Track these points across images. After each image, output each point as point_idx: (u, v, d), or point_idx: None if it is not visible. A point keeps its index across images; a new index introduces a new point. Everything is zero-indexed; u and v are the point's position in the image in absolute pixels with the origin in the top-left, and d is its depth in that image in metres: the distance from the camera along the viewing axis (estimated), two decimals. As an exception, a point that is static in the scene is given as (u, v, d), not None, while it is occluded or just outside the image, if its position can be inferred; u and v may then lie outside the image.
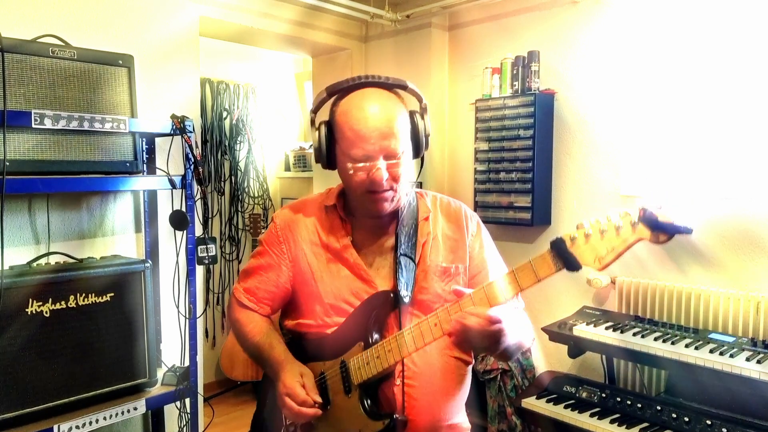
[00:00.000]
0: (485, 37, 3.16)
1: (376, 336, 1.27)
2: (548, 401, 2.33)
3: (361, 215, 1.36)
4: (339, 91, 1.29)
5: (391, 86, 1.28)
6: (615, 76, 2.66)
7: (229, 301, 1.51)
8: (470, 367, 1.41)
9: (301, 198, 1.50)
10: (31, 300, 1.81)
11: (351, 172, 1.25)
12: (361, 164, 1.24)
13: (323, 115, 1.33)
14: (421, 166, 1.36)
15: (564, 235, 1.08)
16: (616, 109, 2.67)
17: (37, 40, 1.94)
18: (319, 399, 1.28)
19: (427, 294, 1.31)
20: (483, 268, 1.38)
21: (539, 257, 1.10)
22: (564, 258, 1.07)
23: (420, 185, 1.36)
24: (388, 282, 1.33)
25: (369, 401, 1.27)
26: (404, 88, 1.29)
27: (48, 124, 1.80)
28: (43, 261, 2.02)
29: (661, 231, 1.00)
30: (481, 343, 1.14)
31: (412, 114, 1.29)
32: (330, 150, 1.30)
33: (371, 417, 1.25)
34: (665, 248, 2.52)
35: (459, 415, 1.40)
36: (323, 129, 1.30)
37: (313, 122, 1.33)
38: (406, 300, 1.27)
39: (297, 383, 1.28)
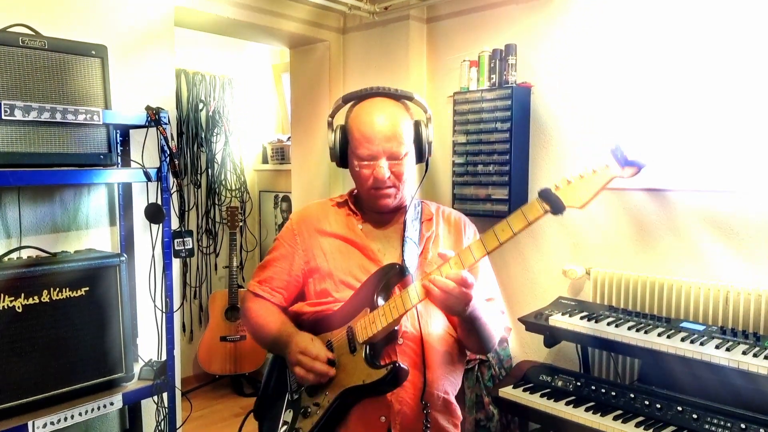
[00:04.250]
0: (463, 30, 3.17)
1: (381, 301, 1.35)
2: (525, 390, 2.36)
3: (369, 210, 1.51)
4: (352, 99, 1.48)
5: (399, 97, 1.47)
6: (590, 69, 2.70)
7: (241, 296, 1.61)
8: (464, 357, 1.52)
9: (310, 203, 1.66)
10: (2, 295, 1.78)
11: (358, 169, 1.43)
12: (366, 162, 1.41)
13: (339, 119, 1.52)
14: (426, 171, 1.52)
15: (550, 186, 1.20)
16: (591, 103, 2.71)
17: (7, 30, 1.89)
18: (332, 355, 1.37)
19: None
20: (474, 269, 1.42)
21: (528, 204, 1.21)
22: (550, 201, 1.18)
23: (420, 180, 1.52)
24: (395, 261, 1.44)
25: (372, 353, 1.34)
26: (410, 99, 1.48)
27: (18, 115, 1.76)
28: (14, 255, 1.98)
29: (629, 166, 1.15)
30: (449, 303, 1.25)
31: (416, 122, 1.46)
32: (343, 150, 1.48)
33: (374, 367, 1.32)
34: (639, 240, 2.58)
35: (453, 395, 1.49)
36: (338, 132, 1.48)
37: (330, 125, 1.51)
38: (412, 270, 1.38)
39: (310, 341, 1.38)
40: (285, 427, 1.41)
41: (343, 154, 1.49)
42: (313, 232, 1.52)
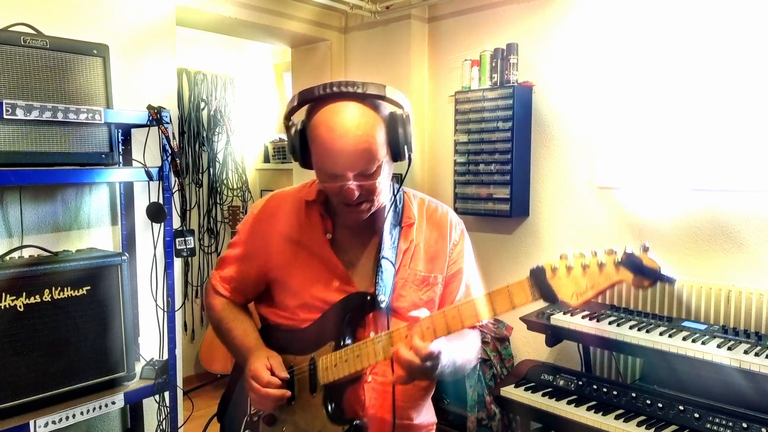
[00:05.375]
0: (464, 29, 3.16)
1: (348, 339, 1.26)
2: (526, 389, 2.36)
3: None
4: (310, 101, 1.21)
5: (367, 97, 1.17)
6: (592, 69, 2.70)
7: (206, 285, 1.51)
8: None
9: (280, 189, 1.46)
10: (4, 294, 1.78)
11: (322, 182, 1.23)
12: (331, 179, 1.20)
13: (300, 115, 1.27)
14: (408, 166, 1.26)
15: (545, 264, 1.04)
16: (592, 102, 2.70)
17: (9, 29, 1.90)
18: (285, 375, 1.28)
19: (404, 302, 1.30)
20: (457, 278, 1.37)
21: (517, 284, 1.07)
22: (542, 288, 1.04)
23: (401, 180, 1.32)
24: (367, 281, 1.30)
25: (332, 404, 1.26)
26: (382, 98, 1.19)
27: (20, 114, 1.76)
28: (16, 254, 1.98)
29: (645, 276, 0.98)
30: (413, 375, 1.14)
31: (390, 120, 1.19)
32: (305, 152, 1.24)
33: (332, 420, 1.25)
34: (639, 238, 2.57)
35: (425, 414, 1.40)
36: (296, 136, 1.23)
37: (287, 127, 1.26)
38: (383, 305, 1.26)
39: (263, 365, 1.28)
40: None
41: (305, 155, 1.24)
42: (276, 237, 1.35)
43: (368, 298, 1.27)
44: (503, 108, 2.82)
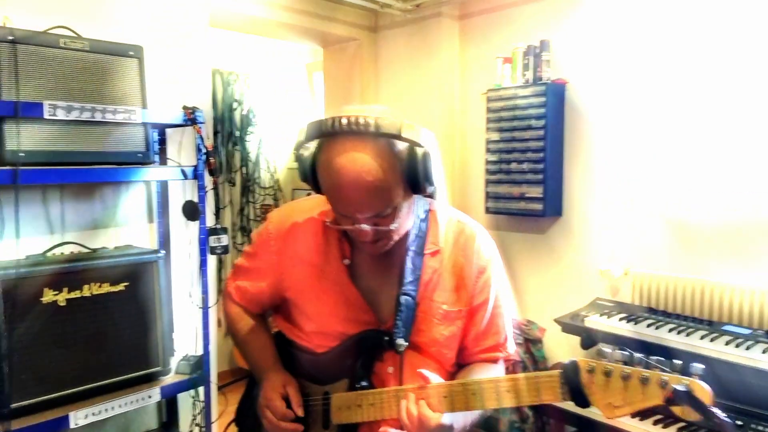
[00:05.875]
0: (496, 26, 3.12)
1: (363, 381, 1.22)
2: (560, 392, 2.32)
3: None
4: (317, 137, 1.11)
5: (380, 136, 1.05)
6: (628, 64, 2.63)
7: (223, 290, 1.51)
8: None
9: (298, 201, 1.39)
10: (46, 289, 1.83)
11: (338, 220, 1.16)
12: (344, 218, 1.13)
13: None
14: (434, 196, 1.19)
15: (580, 361, 0.96)
16: (629, 99, 2.64)
17: (49, 32, 1.95)
18: (300, 412, 1.24)
19: (424, 337, 1.24)
20: (482, 310, 1.28)
21: (547, 378, 1.00)
22: (573, 390, 0.97)
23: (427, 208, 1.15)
24: (385, 311, 1.24)
25: None
26: (397, 137, 1.06)
27: (61, 115, 1.81)
28: (57, 251, 2.03)
29: (693, 408, 0.88)
30: None
31: (408, 160, 1.08)
32: (317, 183, 1.14)
33: None
34: (680, 240, 2.50)
35: None
36: (307, 165, 1.14)
37: (297, 157, 1.17)
38: (401, 350, 1.20)
39: (278, 396, 1.24)
40: None
41: (318, 186, 1.15)
42: (293, 258, 1.28)
43: (385, 338, 1.21)
44: (536, 106, 2.77)
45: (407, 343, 1.20)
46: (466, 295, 1.27)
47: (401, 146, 1.08)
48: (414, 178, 1.09)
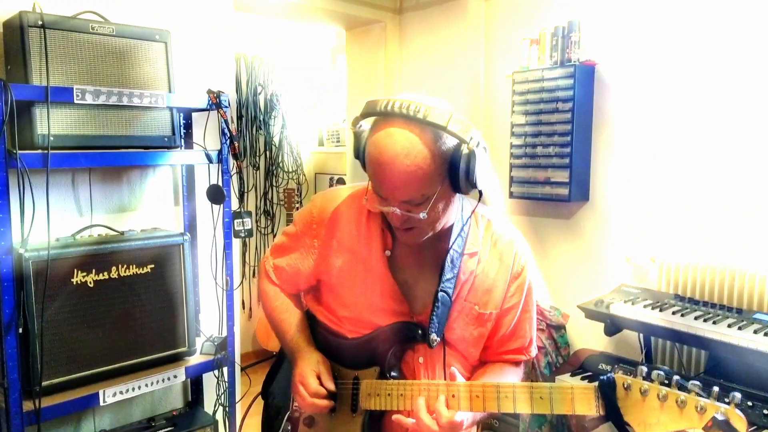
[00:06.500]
0: (523, 6, 3.06)
1: (393, 371, 1.26)
2: (583, 379, 2.30)
3: None
4: (373, 114, 1.14)
5: (427, 125, 1.07)
6: (660, 45, 2.55)
7: (259, 266, 1.53)
8: None
9: (343, 188, 1.40)
10: (76, 270, 1.88)
11: (376, 200, 1.18)
12: (380, 198, 1.16)
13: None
14: (479, 198, 1.20)
15: (617, 377, 0.98)
16: (660, 81, 2.56)
17: (78, 17, 1.97)
18: (332, 388, 1.28)
19: (455, 335, 1.27)
20: (510, 314, 1.31)
21: (583, 391, 1.02)
22: (608, 406, 0.98)
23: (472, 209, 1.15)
24: (420, 305, 1.27)
25: (372, 423, 1.27)
26: (442, 128, 1.07)
27: (89, 99, 1.84)
28: (86, 233, 2.08)
29: None
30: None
31: (450, 156, 1.09)
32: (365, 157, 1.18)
33: None
34: (708, 226, 2.44)
35: None
36: (361, 142, 1.18)
37: (354, 132, 1.21)
38: (433, 345, 1.23)
39: (312, 372, 1.29)
40: None
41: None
42: (333, 243, 1.31)
43: (419, 331, 1.24)
44: (563, 88, 2.72)
45: (440, 339, 1.24)
46: (499, 299, 1.29)
47: (448, 141, 1.09)
48: (454, 174, 1.10)
